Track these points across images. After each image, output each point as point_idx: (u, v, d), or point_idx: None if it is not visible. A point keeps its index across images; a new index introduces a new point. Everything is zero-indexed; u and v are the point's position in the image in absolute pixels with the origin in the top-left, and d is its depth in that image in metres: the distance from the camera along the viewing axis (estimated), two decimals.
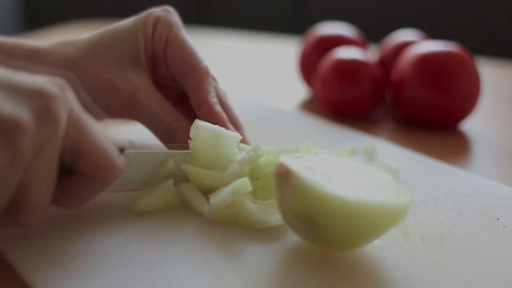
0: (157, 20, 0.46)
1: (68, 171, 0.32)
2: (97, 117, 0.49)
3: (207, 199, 0.38)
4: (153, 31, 0.46)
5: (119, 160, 0.33)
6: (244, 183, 0.37)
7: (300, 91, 0.79)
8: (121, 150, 0.36)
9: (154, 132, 0.45)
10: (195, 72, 0.45)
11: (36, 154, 0.29)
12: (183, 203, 0.39)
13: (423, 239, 0.36)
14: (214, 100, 0.45)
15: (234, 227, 0.37)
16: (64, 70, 0.44)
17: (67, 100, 0.30)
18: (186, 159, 0.40)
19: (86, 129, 0.31)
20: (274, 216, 0.36)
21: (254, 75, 0.91)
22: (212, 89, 0.45)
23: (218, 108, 0.44)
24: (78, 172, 0.32)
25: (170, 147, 0.44)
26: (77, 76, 0.44)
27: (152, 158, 0.39)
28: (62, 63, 0.45)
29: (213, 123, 0.42)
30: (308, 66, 0.74)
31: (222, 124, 0.43)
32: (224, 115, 0.44)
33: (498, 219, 0.40)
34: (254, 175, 0.40)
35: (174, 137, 0.44)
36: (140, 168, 0.38)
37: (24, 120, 0.28)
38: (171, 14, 0.47)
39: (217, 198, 0.37)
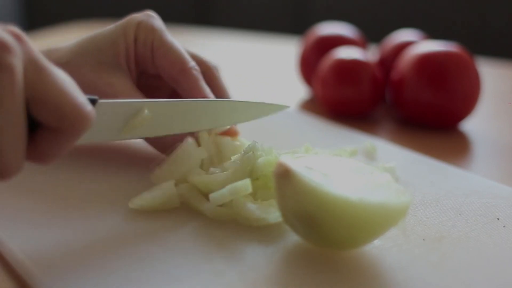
0: (138, 26, 0.45)
1: (38, 125, 0.30)
2: None
3: (207, 199, 0.38)
4: (136, 38, 0.45)
5: (88, 109, 0.30)
6: (245, 185, 0.37)
7: (300, 91, 0.79)
8: (92, 101, 0.34)
9: None
10: (186, 74, 0.45)
11: None
12: (182, 204, 0.39)
13: (423, 239, 0.36)
14: (211, 96, 0.45)
15: (234, 227, 0.37)
16: None
17: (24, 49, 0.29)
18: (163, 109, 0.40)
19: (49, 78, 0.29)
20: (274, 214, 0.36)
21: (254, 75, 0.91)
22: (205, 86, 0.45)
23: None
24: (46, 125, 0.30)
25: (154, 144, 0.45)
26: None
27: (125, 107, 0.38)
28: None
29: None
30: (308, 66, 0.74)
31: None
32: None
33: (498, 219, 0.40)
34: (253, 175, 0.40)
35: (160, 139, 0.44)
36: (113, 118, 0.37)
37: None
38: (153, 18, 0.47)
39: (217, 193, 0.37)
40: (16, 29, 0.30)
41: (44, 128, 0.30)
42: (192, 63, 0.45)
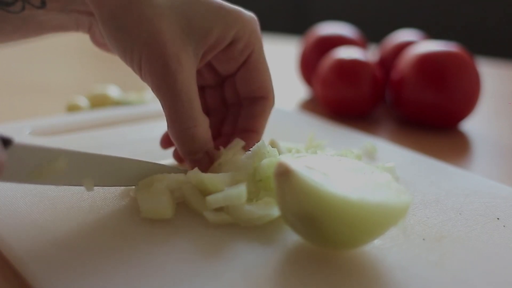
0: (244, 28, 0.41)
1: None
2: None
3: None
4: (236, 39, 0.41)
5: (1, 154, 0.29)
6: (239, 193, 0.36)
7: (300, 91, 0.79)
8: (6, 141, 0.32)
9: (169, 118, 0.40)
10: (263, 106, 0.43)
11: None
12: (183, 204, 0.39)
13: (423, 239, 0.36)
14: (261, 133, 0.44)
15: (234, 227, 0.37)
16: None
17: None
18: (84, 160, 0.37)
19: None
20: (275, 209, 0.36)
21: None
22: (266, 123, 0.44)
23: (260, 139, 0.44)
24: None
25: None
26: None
27: (41, 153, 0.35)
28: None
29: (246, 144, 0.42)
30: (308, 66, 0.74)
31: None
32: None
33: (498, 219, 0.40)
34: (256, 176, 0.39)
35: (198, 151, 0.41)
36: (27, 163, 0.34)
37: None
38: (258, 25, 0.42)
39: (212, 197, 0.37)
40: None
41: None
42: (273, 96, 0.44)
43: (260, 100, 0.43)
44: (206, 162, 0.41)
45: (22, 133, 0.53)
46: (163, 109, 0.40)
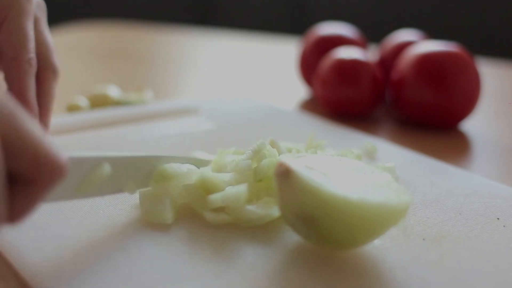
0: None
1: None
2: None
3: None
4: None
5: (64, 157, 0.28)
6: (239, 194, 0.36)
7: (300, 91, 0.79)
8: None
9: None
10: (16, 65, 0.41)
11: None
12: (183, 204, 0.39)
13: (423, 239, 0.37)
14: (31, 99, 0.42)
15: (234, 227, 0.37)
16: None
17: None
18: (130, 163, 0.37)
19: (23, 126, 0.26)
20: (274, 209, 0.36)
21: (255, 75, 0.91)
22: (30, 85, 0.42)
23: (32, 105, 0.42)
24: (19, 176, 0.27)
25: None
26: None
27: (88, 162, 0.34)
28: None
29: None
30: (308, 66, 0.74)
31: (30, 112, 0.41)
32: (35, 108, 0.42)
33: (498, 219, 0.40)
34: (257, 176, 0.39)
35: None
36: (78, 173, 0.33)
37: None
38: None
39: (212, 197, 0.37)
40: None
41: (17, 184, 0.27)
42: (31, 55, 0.42)
43: (12, 62, 0.42)
44: None
45: None
46: None
